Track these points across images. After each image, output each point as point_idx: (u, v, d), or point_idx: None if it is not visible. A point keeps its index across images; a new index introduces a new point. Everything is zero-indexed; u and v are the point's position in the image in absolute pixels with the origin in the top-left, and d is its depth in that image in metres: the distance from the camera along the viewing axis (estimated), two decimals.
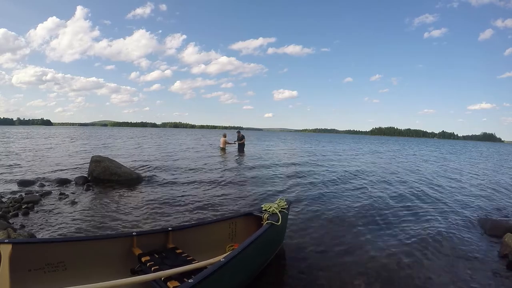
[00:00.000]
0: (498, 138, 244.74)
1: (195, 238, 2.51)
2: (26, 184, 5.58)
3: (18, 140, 19.96)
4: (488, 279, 2.64)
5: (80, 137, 25.93)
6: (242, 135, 14.05)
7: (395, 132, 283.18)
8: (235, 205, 4.71)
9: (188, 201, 4.78)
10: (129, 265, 2.06)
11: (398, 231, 3.75)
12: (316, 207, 4.70)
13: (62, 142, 18.39)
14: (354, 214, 4.41)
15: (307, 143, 31.33)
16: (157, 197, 4.96)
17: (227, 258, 1.81)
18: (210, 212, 4.27)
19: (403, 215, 4.49)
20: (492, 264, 2.94)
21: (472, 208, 5.14)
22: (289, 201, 3.14)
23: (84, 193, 5.14)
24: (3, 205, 4.05)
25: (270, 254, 2.71)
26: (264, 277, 2.47)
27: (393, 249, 3.17)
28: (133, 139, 24.71)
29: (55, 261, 1.86)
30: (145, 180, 6.31)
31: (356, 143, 37.95)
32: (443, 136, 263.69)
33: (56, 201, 4.53)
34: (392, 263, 2.84)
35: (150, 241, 2.24)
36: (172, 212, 4.14)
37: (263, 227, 2.43)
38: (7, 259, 1.59)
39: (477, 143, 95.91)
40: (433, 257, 3.01)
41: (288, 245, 3.14)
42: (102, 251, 2.03)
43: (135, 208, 4.27)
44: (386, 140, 64.30)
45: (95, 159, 6.20)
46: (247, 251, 2.03)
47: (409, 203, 5.28)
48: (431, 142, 67.82)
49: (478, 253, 3.20)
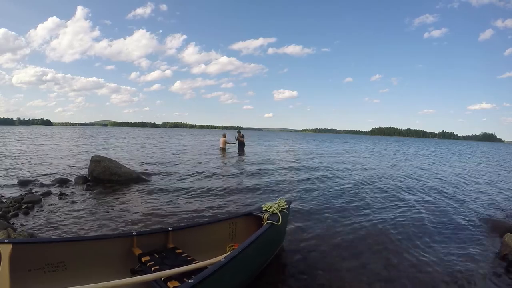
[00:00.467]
0: (498, 138, 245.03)
1: (195, 238, 2.51)
2: (26, 184, 5.58)
3: (18, 140, 19.96)
4: (488, 279, 2.64)
5: (80, 137, 25.93)
6: (242, 134, 14.07)
7: (395, 132, 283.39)
8: (235, 205, 4.71)
9: (188, 201, 4.78)
10: (129, 265, 2.06)
11: (398, 231, 3.75)
12: (316, 207, 4.70)
13: (62, 142, 18.39)
14: (355, 214, 4.41)
15: (307, 143, 31.33)
16: (157, 197, 4.96)
17: (228, 258, 1.81)
18: (210, 212, 4.27)
19: (403, 215, 4.49)
20: (492, 264, 2.94)
21: (472, 208, 5.14)
22: (289, 201, 3.14)
23: (84, 193, 5.13)
24: (3, 205, 4.05)
25: (270, 254, 2.71)
26: (264, 277, 2.47)
27: (394, 249, 3.18)
28: (133, 139, 24.71)
29: (55, 261, 1.86)
30: (145, 180, 6.31)
31: (357, 143, 37.94)
32: (443, 136, 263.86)
33: (56, 201, 4.53)
34: (392, 263, 2.84)
35: (150, 241, 2.24)
36: (172, 212, 4.14)
37: (263, 227, 2.43)
38: (7, 259, 1.59)
39: (478, 143, 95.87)
40: (433, 257, 3.01)
41: (288, 245, 3.14)
42: (102, 251, 2.03)
43: (135, 208, 4.27)
44: (386, 140, 64.29)
45: (95, 159, 6.20)
46: (247, 251, 2.03)
47: (410, 203, 5.28)
48: (433, 142, 67.82)
49: (478, 253, 3.20)
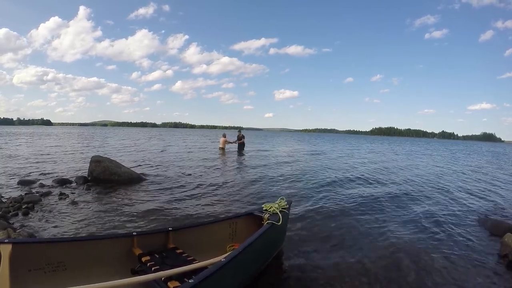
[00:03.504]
0: (498, 138, 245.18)
1: (196, 238, 2.51)
2: (26, 184, 5.57)
3: (17, 140, 19.94)
4: (488, 279, 2.63)
5: (80, 137, 25.91)
6: (242, 134, 14.07)
7: (395, 132, 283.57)
8: (236, 205, 4.70)
9: (188, 201, 4.77)
10: (129, 265, 2.05)
11: (398, 231, 3.75)
12: (317, 207, 4.69)
13: (62, 142, 18.38)
14: (355, 214, 4.41)
15: (307, 142, 31.31)
16: (157, 197, 4.96)
17: (228, 258, 1.80)
18: (210, 211, 4.26)
19: (403, 216, 4.49)
20: (492, 264, 2.93)
21: (472, 208, 5.14)
22: (289, 201, 3.13)
23: (84, 193, 5.13)
24: (3, 205, 4.04)
25: (271, 254, 2.71)
26: (265, 277, 2.47)
27: (394, 249, 3.17)
28: (134, 139, 24.70)
29: (55, 261, 1.85)
30: (145, 180, 6.31)
31: (357, 143, 37.92)
32: (443, 136, 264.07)
33: (56, 201, 4.52)
34: (392, 263, 2.84)
35: (150, 241, 2.24)
36: (172, 212, 4.14)
37: (264, 227, 2.43)
38: (7, 259, 1.59)
39: (478, 143, 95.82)
40: (432, 257, 3.01)
41: (289, 245, 3.13)
42: (102, 251, 2.03)
43: (135, 208, 4.27)
44: (385, 140, 64.23)
45: (95, 159, 6.20)
46: (248, 251, 2.03)
47: (410, 203, 5.28)
48: (433, 142, 67.78)
49: (478, 253, 3.20)
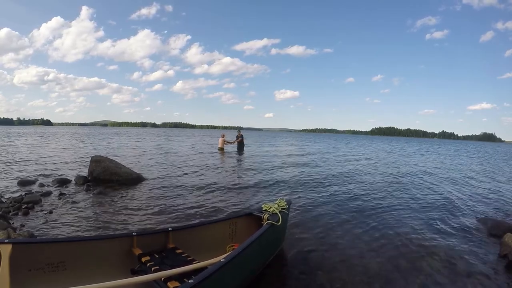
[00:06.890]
0: (498, 138, 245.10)
1: (195, 238, 2.51)
2: (26, 184, 5.58)
3: (17, 140, 19.95)
4: (488, 279, 2.63)
5: (80, 137, 25.91)
6: (242, 134, 14.09)
7: (395, 132, 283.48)
8: (235, 205, 4.70)
9: (188, 201, 4.77)
10: (129, 265, 2.06)
11: (397, 232, 3.75)
12: (316, 207, 4.70)
13: (62, 142, 18.38)
14: (355, 214, 4.41)
15: (306, 142, 31.30)
16: (157, 197, 4.96)
17: (228, 258, 1.81)
18: (210, 212, 4.26)
19: (403, 216, 4.49)
20: (492, 264, 2.93)
21: (472, 208, 5.14)
22: (289, 201, 3.13)
23: (84, 193, 5.13)
24: (3, 205, 4.05)
25: (271, 254, 2.71)
26: (264, 277, 2.47)
27: (393, 249, 3.18)
28: (133, 139, 24.70)
29: (55, 261, 1.85)
30: (145, 180, 6.31)
31: (358, 143, 37.91)
32: (443, 136, 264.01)
33: (56, 201, 4.52)
34: (392, 263, 2.84)
35: (150, 241, 2.24)
36: (172, 212, 4.14)
37: (263, 227, 2.43)
38: (7, 259, 1.60)
39: (478, 143, 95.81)
40: (432, 257, 3.01)
41: (289, 245, 3.13)
42: (102, 251, 2.03)
43: (135, 208, 4.27)
44: (384, 140, 64.24)
45: (95, 159, 6.20)
46: (248, 251, 2.03)
47: (409, 204, 5.28)
48: (434, 142, 67.77)
49: (478, 253, 3.20)
